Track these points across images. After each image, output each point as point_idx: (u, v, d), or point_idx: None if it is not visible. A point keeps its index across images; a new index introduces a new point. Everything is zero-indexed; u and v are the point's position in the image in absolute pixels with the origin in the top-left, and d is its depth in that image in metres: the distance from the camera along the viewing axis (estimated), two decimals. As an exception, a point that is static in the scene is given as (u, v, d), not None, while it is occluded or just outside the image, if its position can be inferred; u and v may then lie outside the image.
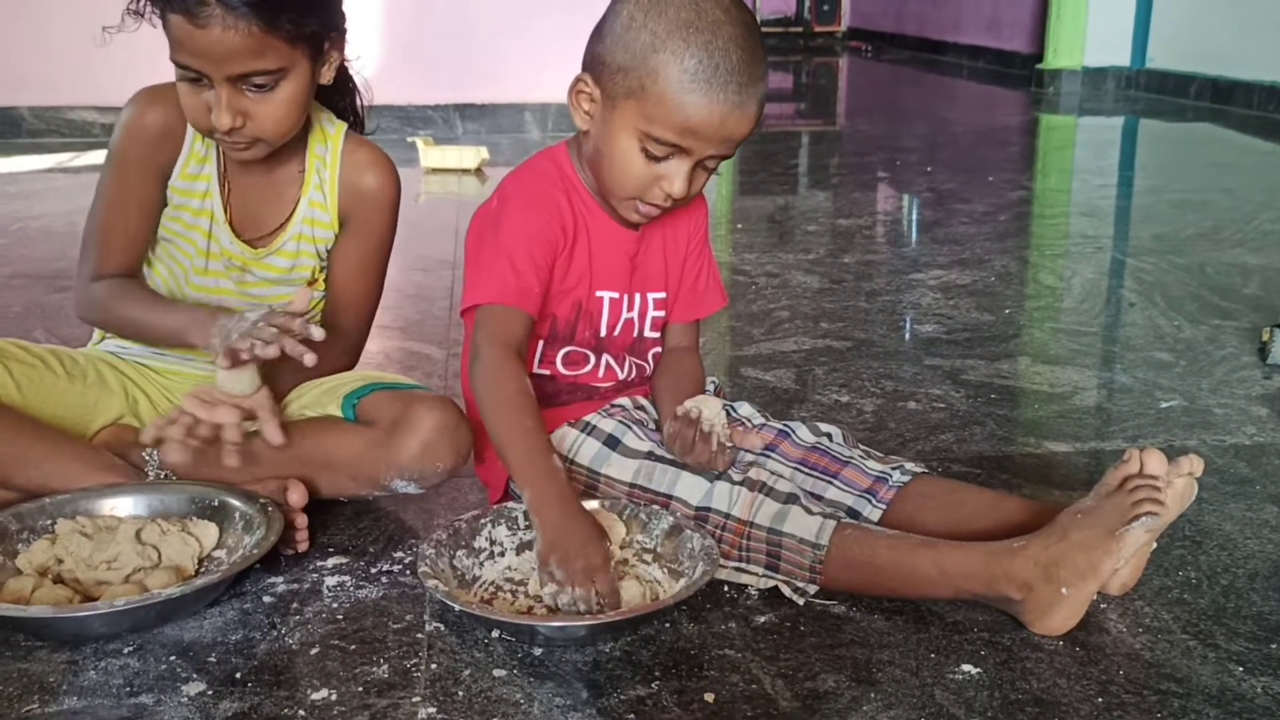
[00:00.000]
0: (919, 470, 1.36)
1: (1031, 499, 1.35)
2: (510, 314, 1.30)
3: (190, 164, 1.47)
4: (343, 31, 1.44)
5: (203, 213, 1.48)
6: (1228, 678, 1.11)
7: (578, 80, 1.31)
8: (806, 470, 1.38)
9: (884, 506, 1.33)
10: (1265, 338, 2.03)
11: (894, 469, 1.35)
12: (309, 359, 1.29)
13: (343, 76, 1.52)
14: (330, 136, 1.51)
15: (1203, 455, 1.21)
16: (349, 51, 1.47)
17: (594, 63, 1.28)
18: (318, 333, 1.31)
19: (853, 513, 1.33)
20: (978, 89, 7.30)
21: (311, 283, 1.54)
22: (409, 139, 4.47)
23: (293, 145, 1.46)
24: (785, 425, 1.44)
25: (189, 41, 1.30)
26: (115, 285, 1.45)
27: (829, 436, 1.42)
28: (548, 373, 1.42)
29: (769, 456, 1.40)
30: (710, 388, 1.49)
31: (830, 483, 1.36)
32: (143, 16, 1.35)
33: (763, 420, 1.46)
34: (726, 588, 1.27)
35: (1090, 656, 1.14)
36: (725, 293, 1.54)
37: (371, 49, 4.82)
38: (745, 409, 1.48)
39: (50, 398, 1.42)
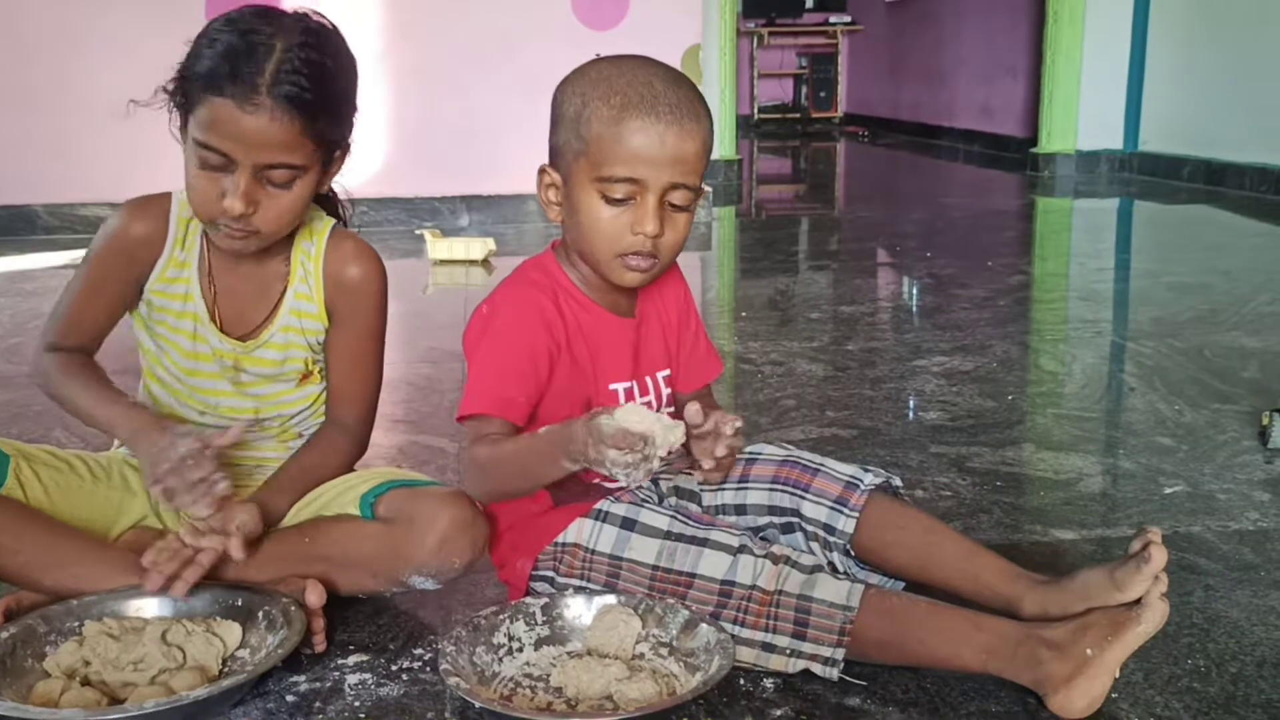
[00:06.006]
0: (887, 476, 1.45)
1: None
2: (493, 423, 1.35)
3: (169, 269, 1.51)
4: (349, 148, 1.50)
5: (185, 315, 1.53)
6: (1239, 767, 1.12)
7: (540, 173, 1.40)
8: (780, 487, 1.45)
9: (856, 515, 1.40)
10: (1265, 422, 2.06)
11: (866, 470, 1.44)
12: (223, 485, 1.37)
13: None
14: (317, 233, 1.55)
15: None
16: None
17: (550, 154, 1.39)
18: (223, 487, 1.37)
19: (828, 528, 1.40)
20: (973, 172, 7.42)
21: (306, 376, 1.58)
22: (416, 231, 4.55)
23: (279, 244, 1.51)
24: (750, 451, 1.51)
25: (229, 124, 1.33)
26: (65, 361, 1.49)
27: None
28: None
29: (745, 488, 1.48)
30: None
31: (804, 497, 1.43)
32: (174, 98, 1.39)
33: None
34: (742, 681, 1.29)
35: (1103, 747, 1.16)
36: (720, 357, 1.61)
37: (379, 144, 5.00)
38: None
39: (77, 501, 1.45)
